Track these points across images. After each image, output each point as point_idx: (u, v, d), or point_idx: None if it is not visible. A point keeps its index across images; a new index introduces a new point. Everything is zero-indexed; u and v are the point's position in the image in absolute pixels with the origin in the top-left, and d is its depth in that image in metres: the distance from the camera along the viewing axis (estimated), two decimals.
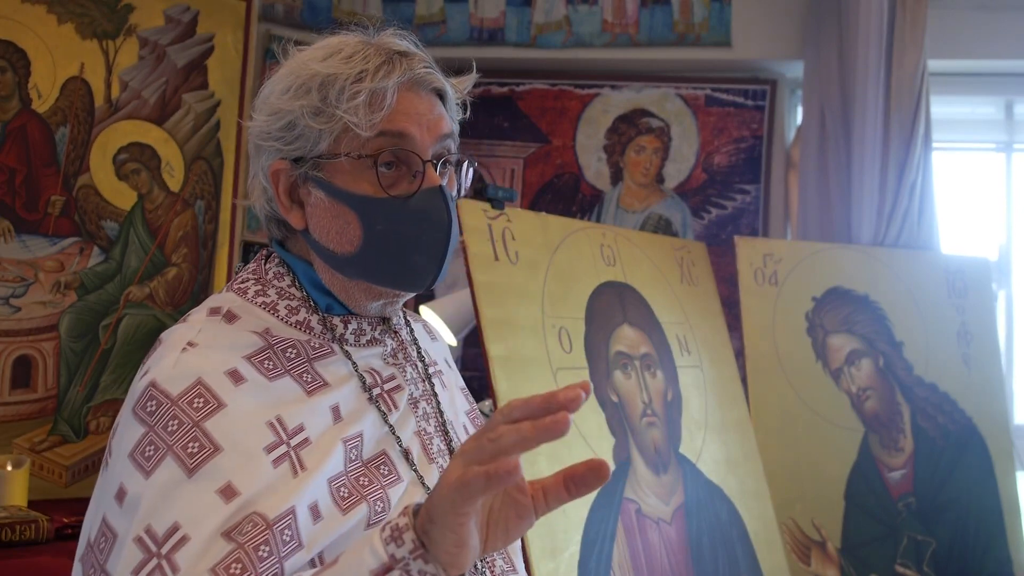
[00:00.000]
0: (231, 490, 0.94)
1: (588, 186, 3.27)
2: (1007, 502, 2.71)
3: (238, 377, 1.01)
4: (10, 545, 1.94)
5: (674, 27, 3.18)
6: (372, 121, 1.03)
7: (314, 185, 1.07)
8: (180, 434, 0.95)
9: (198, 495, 0.93)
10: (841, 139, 2.95)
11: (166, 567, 0.90)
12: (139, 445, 0.96)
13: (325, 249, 1.08)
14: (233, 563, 0.90)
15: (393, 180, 1.06)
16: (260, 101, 1.10)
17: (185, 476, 0.94)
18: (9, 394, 2.41)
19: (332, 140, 1.05)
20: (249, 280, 1.13)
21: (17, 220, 2.44)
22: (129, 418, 0.99)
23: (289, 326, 1.08)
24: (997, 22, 3.05)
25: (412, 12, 3.26)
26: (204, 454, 0.95)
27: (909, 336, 2.71)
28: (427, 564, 0.82)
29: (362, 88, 1.03)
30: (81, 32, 2.53)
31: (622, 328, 2.18)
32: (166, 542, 0.91)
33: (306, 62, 1.08)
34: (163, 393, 0.98)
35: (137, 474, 0.95)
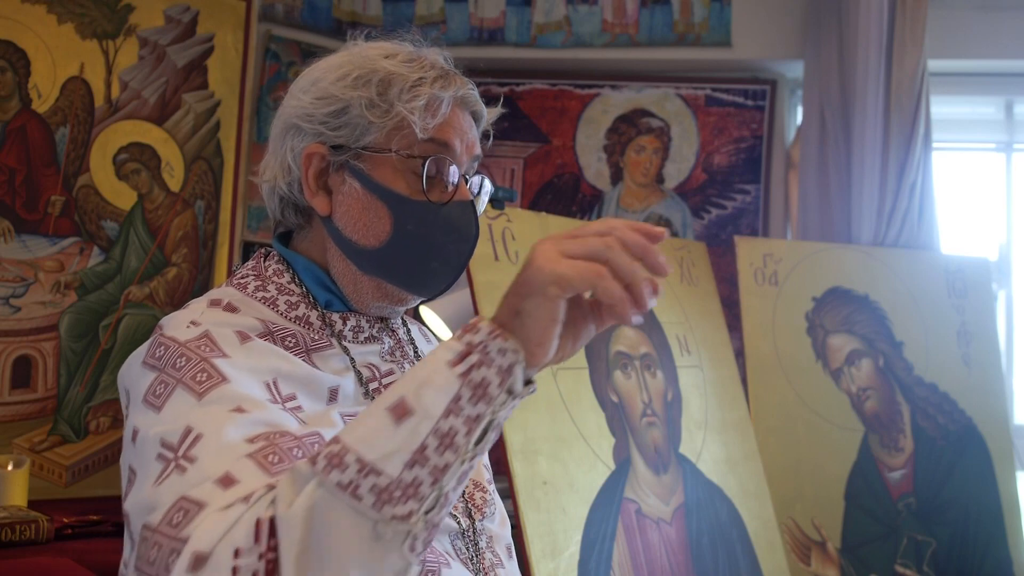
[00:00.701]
0: (241, 410, 0.92)
1: (588, 186, 3.27)
2: (1007, 502, 2.71)
3: (245, 336, 1.01)
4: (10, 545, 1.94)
5: (674, 27, 3.18)
6: (427, 125, 1.07)
7: (350, 174, 1.09)
8: (188, 367, 0.95)
9: (209, 412, 0.91)
10: (841, 139, 2.95)
11: (184, 463, 0.87)
12: (151, 388, 0.96)
13: (347, 239, 1.09)
14: (271, 454, 0.87)
15: (431, 186, 1.08)
16: (307, 83, 1.11)
17: (195, 400, 0.92)
18: (9, 394, 2.41)
19: (383, 134, 1.07)
20: (249, 276, 1.13)
21: (17, 220, 2.44)
22: (140, 370, 0.99)
23: (288, 320, 1.09)
24: (997, 22, 3.05)
25: (412, 12, 3.26)
26: (213, 382, 0.94)
27: (909, 336, 2.71)
28: (506, 341, 0.80)
29: (422, 92, 1.07)
30: (81, 32, 2.53)
31: (622, 328, 2.18)
32: (181, 445, 0.89)
33: (367, 57, 1.10)
34: (171, 339, 0.99)
35: (149, 412, 0.94)
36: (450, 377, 0.79)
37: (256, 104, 3.00)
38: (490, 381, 0.79)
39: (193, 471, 0.85)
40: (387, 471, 0.77)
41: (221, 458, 0.86)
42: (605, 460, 1.97)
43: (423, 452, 0.77)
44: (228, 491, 0.82)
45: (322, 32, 3.17)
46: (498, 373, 0.79)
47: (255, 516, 0.78)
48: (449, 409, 0.78)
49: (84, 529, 2.08)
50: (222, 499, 0.82)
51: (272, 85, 3.05)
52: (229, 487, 0.83)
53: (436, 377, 0.79)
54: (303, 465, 0.79)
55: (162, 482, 0.87)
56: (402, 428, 0.78)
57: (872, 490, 2.55)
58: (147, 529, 0.85)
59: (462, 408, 0.79)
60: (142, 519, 0.87)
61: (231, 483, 0.83)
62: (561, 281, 0.78)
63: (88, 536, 2.05)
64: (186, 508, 0.83)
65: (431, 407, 0.78)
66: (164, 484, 0.86)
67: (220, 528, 0.79)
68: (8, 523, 1.96)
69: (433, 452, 0.78)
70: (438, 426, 0.78)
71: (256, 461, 0.85)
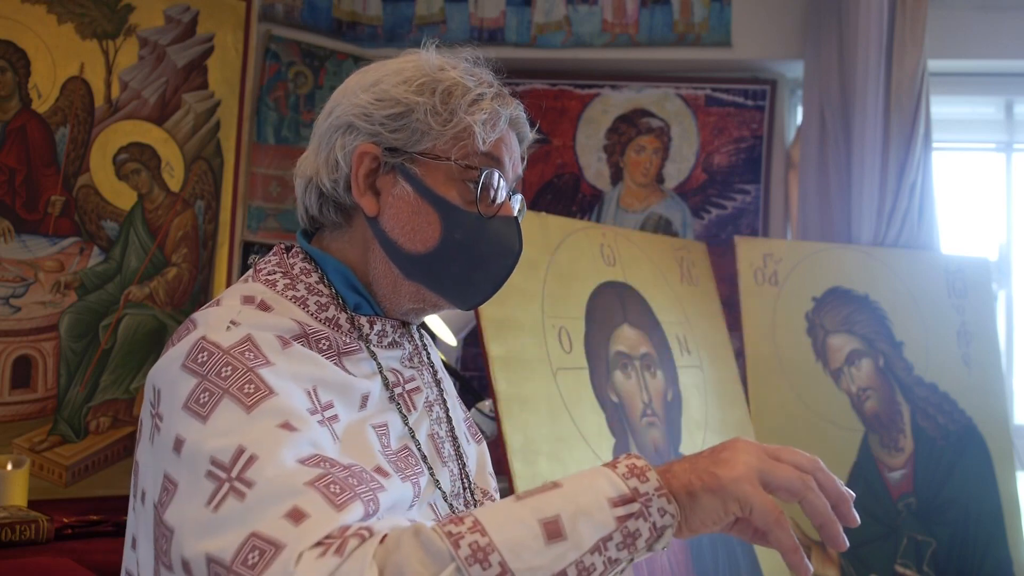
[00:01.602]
0: (289, 426, 0.92)
1: (588, 186, 3.27)
2: (1007, 502, 2.71)
3: (286, 341, 1.01)
4: (10, 545, 1.94)
5: (674, 27, 3.18)
6: (486, 138, 1.10)
7: (403, 177, 1.09)
8: (235, 378, 0.94)
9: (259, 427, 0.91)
10: (841, 139, 2.94)
11: (240, 486, 0.86)
12: (192, 395, 0.94)
13: (393, 242, 1.10)
14: (331, 484, 0.87)
15: (481, 199, 1.10)
16: (366, 83, 1.12)
17: (244, 413, 0.92)
18: (9, 394, 2.41)
19: (442, 142, 1.09)
20: (276, 273, 1.11)
21: (17, 220, 2.43)
22: (179, 374, 0.96)
23: (319, 322, 1.08)
24: (997, 22, 3.05)
25: (412, 12, 3.26)
26: (260, 395, 0.93)
27: (909, 336, 2.71)
28: (669, 504, 0.84)
29: (484, 106, 1.10)
30: (81, 32, 2.53)
31: (622, 328, 2.18)
32: (234, 466, 0.88)
33: (431, 64, 1.12)
34: (214, 344, 0.97)
35: (194, 422, 0.92)
36: (608, 517, 0.83)
37: (256, 104, 3.00)
38: (641, 535, 0.84)
39: (253, 499, 0.85)
40: None
41: (281, 486, 0.86)
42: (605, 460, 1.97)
43: None
44: (301, 527, 0.83)
45: (322, 32, 3.17)
46: (650, 530, 0.84)
47: None
48: (597, 547, 0.82)
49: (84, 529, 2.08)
50: (299, 541, 0.82)
51: (272, 85, 3.05)
52: (300, 522, 0.83)
53: (596, 512, 0.83)
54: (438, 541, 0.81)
55: (219, 506, 0.86)
56: (551, 549, 0.81)
57: (872, 490, 2.55)
58: (218, 565, 0.84)
59: (608, 549, 0.83)
60: (200, 543, 0.86)
61: (301, 518, 0.84)
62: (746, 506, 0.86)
63: (88, 536, 2.05)
64: (261, 548, 0.82)
65: (583, 540, 0.82)
66: (223, 510, 0.86)
67: None
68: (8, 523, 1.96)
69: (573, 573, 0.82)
70: (582, 559, 0.82)
71: (320, 492, 0.86)
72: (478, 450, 1.27)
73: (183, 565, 0.87)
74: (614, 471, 0.86)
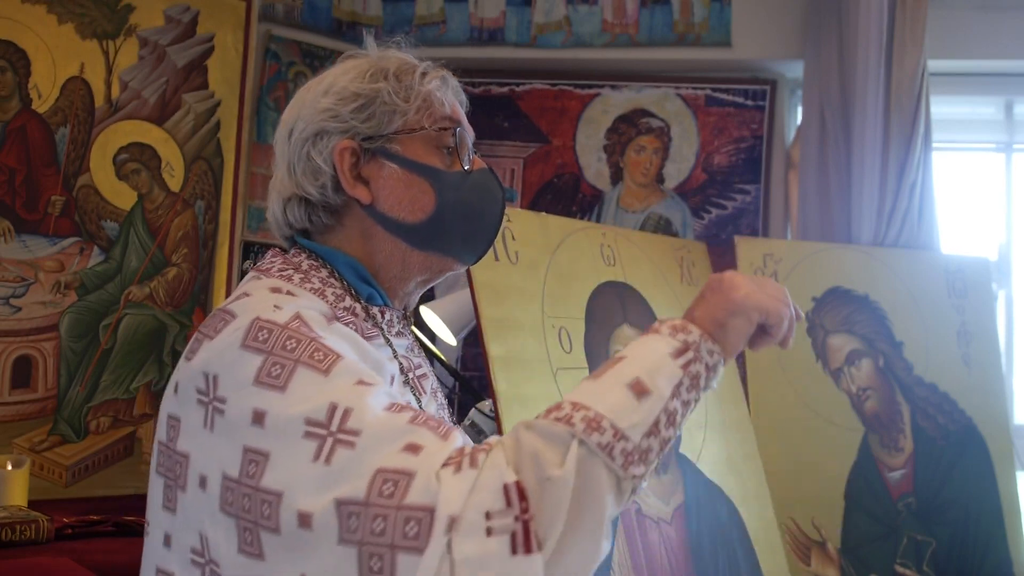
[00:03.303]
0: (364, 383, 0.97)
1: (588, 186, 3.27)
2: (1007, 502, 2.71)
3: (329, 319, 1.08)
4: (10, 545, 1.94)
5: (674, 27, 3.18)
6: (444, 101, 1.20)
7: (386, 159, 1.17)
8: (301, 348, 0.99)
9: (340, 385, 0.96)
10: (841, 139, 2.94)
11: (345, 437, 0.91)
12: (262, 370, 0.97)
13: (393, 220, 1.17)
14: (428, 419, 0.94)
15: (454, 159, 1.20)
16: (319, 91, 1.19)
17: (322, 376, 0.96)
18: (9, 394, 2.41)
19: (410, 116, 1.17)
20: (288, 269, 1.16)
21: (17, 220, 2.44)
22: (240, 354, 0.99)
23: (339, 311, 1.13)
24: (997, 22, 3.05)
25: (412, 12, 3.26)
26: (331, 359, 0.98)
27: (909, 336, 2.71)
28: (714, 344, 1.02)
29: (433, 75, 1.21)
30: (81, 32, 2.53)
31: (622, 328, 2.18)
32: (331, 421, 0.93)
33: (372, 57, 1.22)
34: (270, 322, 1.01)
35: (271, 393, 0.96)
36: (675, 367, 0.98)
37: (256, 104, 3.00)
38: (701, 375, 1.00)
39: (364, 444, 0.90)
40: (632, 438, 0.93)
41: (386, 428, 0.92)
42: None
43: (656, 426, 0.95)
44: (421, 455, 0.89)
45: (322, 32, 3.17)
46: (706, 369, 1.01)
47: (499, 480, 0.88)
48: (674, 393, 0.97)
49: (84, 529, 2.08)
50: (428, 465, 0.89)
51: (272, 85, 3.05)
52: (419, 452, 0.90)
53: (664, 367, 0.98)
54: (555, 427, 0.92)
55: (331, 458, 0.90)
56: (643, 405, 0.95)
57: (872, 490, 2.55)
58: (350, 505, 0.88)
59: (681, 394, 0.98)
60: (322, 494, 0.89)
61: (418, 449, 0.90)
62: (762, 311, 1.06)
63: (88, 536, 2.06)
64: (393, 479, 0.88)
65: (663, 390, 0.96)
66: (336, 461, 0.90)
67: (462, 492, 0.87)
68: (8, 523, 1.96)
69: (663, 427, 0.96)
70: (667, 406, 0.96)
71: (424, 426, 0.93)
72: None
73: (300, 519, 0.90)
74: (661, 334, 1.02)
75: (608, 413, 0.93)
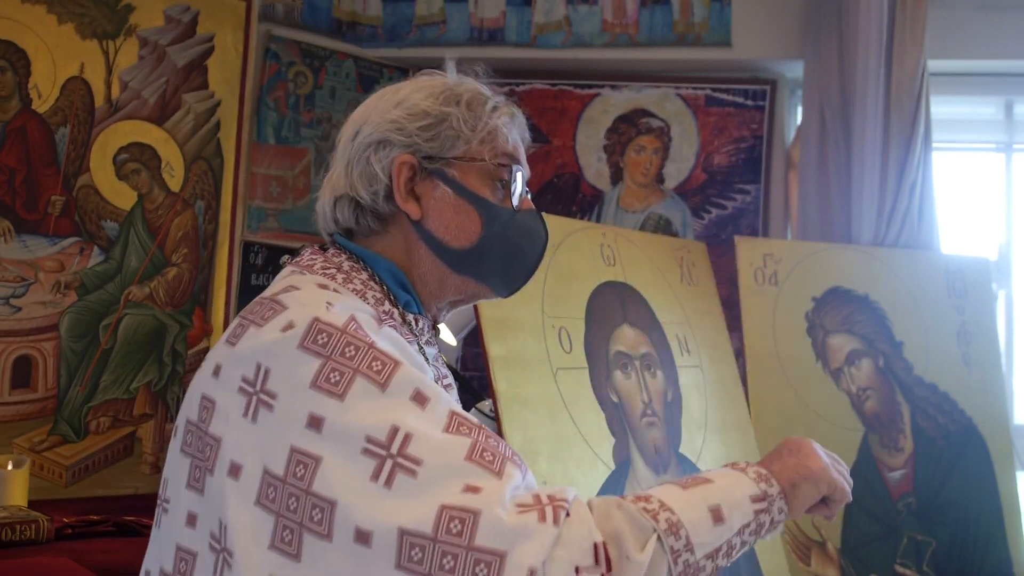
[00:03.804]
0: (421, 396, 1.01)
1: (588, 186, 3.27)
2: (1007, 502, 2.71)
3: (380, 321, 1.11)
4: (10, 545, 1.94)
5: (674, 27, 3.18)
6: (509, 138, 1.24)
7: (441, 181, 1.20)
8: (360, 356, 1.02)
9: (399, 404, 1.00)
10: (841, 139, 2.94)
11: (405, 463, 0.95)
12: (321, 374, 1.00)
13: (439, 240, 1.20)
14: (483, 452, 0.99)
15: (507, 195, 1.23)
16: (391, 102, 1.22)
17: (379, 390, 1.00)
18: (9, 394, 2.41)
19: (473, 145, 1.21)
20: (330, 268, 1.18)
21: (17, 220, 2.44)
22: (298, 354, 1.01)
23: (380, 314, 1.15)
24: (997, 22, 3.05)
25: (412, 12, 3.26)
26: (388, 369, 1.02)
27: (909, 336, 2.71)
28: (786, 505, 1.14)
29: (503, 111, 1.24)
30: (81, 32, 2.53)
31: (622, 328, 2.18)
32: (392, 443, 0.96)
33: (450, 80, 1.25)
34: (329, 325, 1.03)
35: (329, 400, 0.99)
36: (749, 510, 1.10)
37: (256, 104, 3.00)
38: (765, 525, 1.12)
39: (425, 475, 0.95)
40: (696, 554, 1.03)
41: (447, 463, 0.96)
42: (605, 460, 1.97)
43: (716, 552, 1.06)
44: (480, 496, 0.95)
45: (322, 32, 3.17)
46: (771, 524, 1.12)
47: (590, 539, 0.96)
48: (740, 531, 1.08)
49: (84, 529, 2.08)
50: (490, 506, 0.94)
51: (272, 85, 3.05)
52: (479, 493, 0.95)
53: (744, 505, 1.09)
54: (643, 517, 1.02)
55: (390, 481, 0.94)
56: (716, 530, 1.06)
57: (872, 490, 2.55)
58: (418, 537, 0.92)
59: (744, 533, 1.09)
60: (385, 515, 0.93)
61: (477, 491, 0.95)
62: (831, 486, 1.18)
63: (88, 536, 2.06)
64: (460, 517, 0.93)
65: (735, 525, 1.08)
66: (397, 485, 0.94)
67: (544, 545, 0.93)
68: (8, 523, 1.97)
69: (720, 555, 1.06)
70: (731, 540, 1.07)
71: (479, 465, 0.97)
72: None
73: (357, 534, 0.93)
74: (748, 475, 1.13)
75: (688, 524, 1.03)
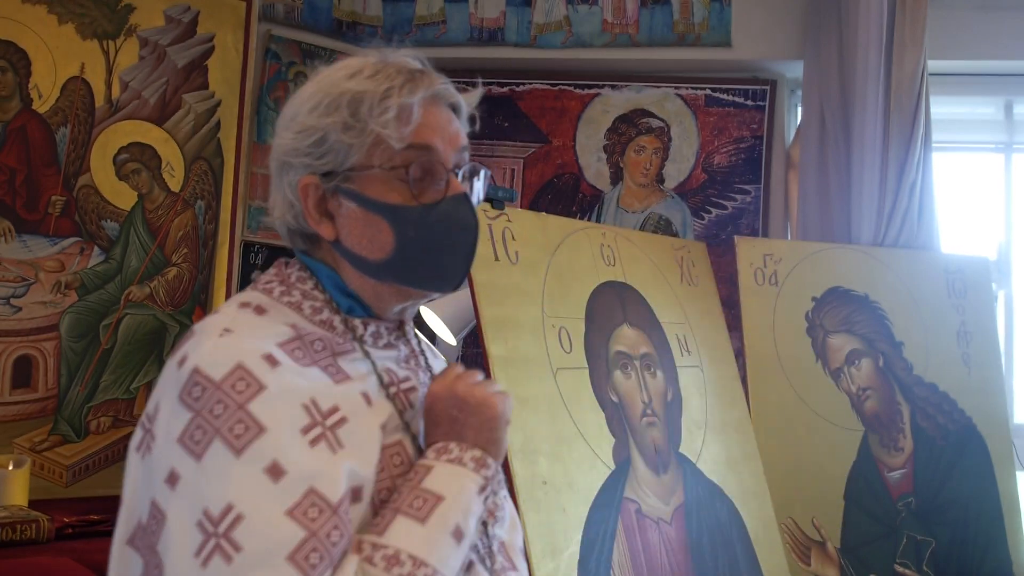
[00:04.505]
0: (278, 468, 0.98)
1: (588, 186, 3.28)
2: (1007, 502, 2.71)
3: (273, 361, 1.04)
4: (10, 545, 1.95)
5: (674, 27, 3.18)
6: (402, 134, 1.11)
7: (345, 196, 1.13)
8: (226, 417, 0.99)
9: (247, 475, 0.97)
10: (841, 139, 2.95)
11: (226, 546, 0.95)
12: (187, 430, 0.99)
13: (357, 256, 1.14)
14: (311, 552, 0.96)
15: (421, 189, 1.13)
16: (286, 120, 1.16)
17: (234, 457, 0.98)
18: (9, 394, 2.41)
19: (364, 153, 1.11)
20: (273, 282, 1.17)
21: (18, 220, 2.44)
22: (176, 405, 1.01)
23: (313, 324, 1.13)
24: (997, 22, 3.05)
25: (412, 12, 3.26)
26: (250, 435, 0.99)
27: (909, 336, 2.71)
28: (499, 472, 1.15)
29: (391, 104, 1.11)
30: (81, 32, 2.53)
31: (622, 328, 2.19)
32: (221, 521, 0.95)
33: (333, 81, 1.14)
34: (207, 379, 1.01)
35: (188, 458, 0.98)
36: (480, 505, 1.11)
37: (256, 104, 3.00)
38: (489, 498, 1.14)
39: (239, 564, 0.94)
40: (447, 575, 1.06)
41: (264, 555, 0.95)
42: (605, 460, 1.97)
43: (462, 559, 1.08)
44: None
45: (322, 32, 3.17)
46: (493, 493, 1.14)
47: None
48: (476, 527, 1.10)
49: (84, 529, 2.09)
50: None
51: (272, 85, 3.05)
52: None
53: (475, 504, 1.10)
54: None
55: (207, 563, 0.95)
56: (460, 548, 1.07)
57: (872, 490, 2.55)
58: None
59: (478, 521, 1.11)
60: None
61: None
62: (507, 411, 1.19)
63: (88, 536, 2.06)
64: None
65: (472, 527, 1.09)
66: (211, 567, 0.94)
67: None
68: (9, 523, 1.97)
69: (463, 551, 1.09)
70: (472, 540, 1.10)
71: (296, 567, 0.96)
72: None
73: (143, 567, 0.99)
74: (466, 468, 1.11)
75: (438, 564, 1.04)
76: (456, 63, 3.20)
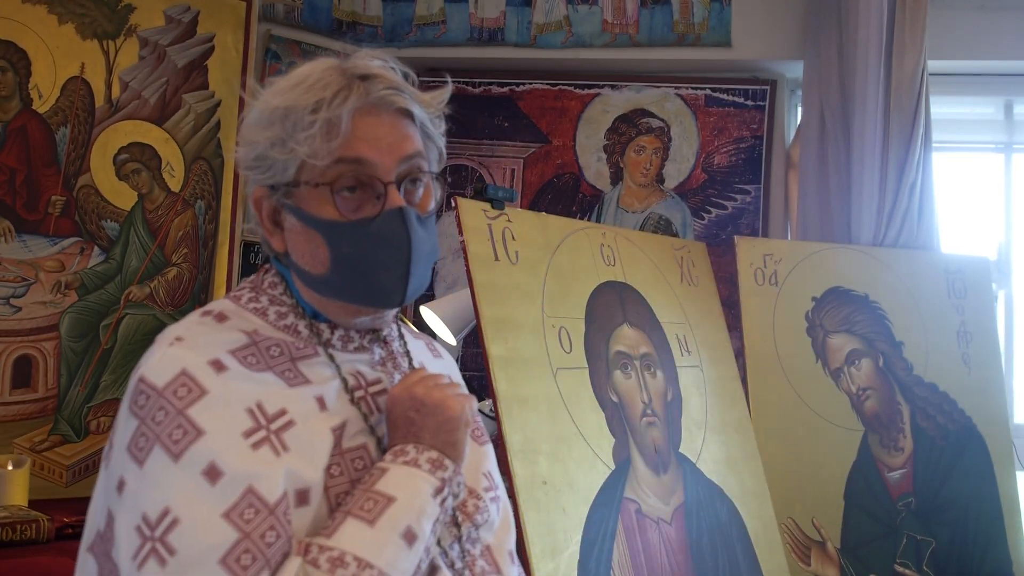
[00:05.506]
0: (215, 470, 0.98)
1: (588, 186, 3.28)
2: (1007, 502, 2.71)
3: (220, 366, 1.05)
4: (10, 545, 1.95)
5: (674, 27, 3.18)
6: (328, 149, 1.06)
7: (287, 211, 1.12)
8: (166, 423, 1.00)
9: (184, 479, 0.98)
10: (841, 139, 2.95)
11: (161, 549, 0.95)
12: (133, 438, 1.01)
13: (302, 270, 1.14)
14: (243, 554, 0.96)
15: (358, 203, 1.09)
16: (241, 132, 1.15)
17: (171, 462, 0.99)
18: (10, 394, 2.41)
19: (295, 168, 1.09)
20: (244, 288, 1.18)
21: (18, 220, 2.44)
22: (126, 413, 1.04)
23: (277, 329, 1.13)
24: (997, 22, 3.05)
25: (412, 12, 3.26)
26: (188, 439, 0.99)
27: (909, 336, 2.71)
28: (460, 475, 1.12)
29: (317, 118, 1.06)
30: (81, 32, 2.53)
31: (622, 328, 2.19)
32: (158, 525, 0.97)
33: (273, 92, 1.11)
34: (150, 387, 1.03)
35: (132, 465, 1.00)
36: (436, 508, 1.09)
37: None
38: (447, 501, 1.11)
39: (173, 567, 0.95)
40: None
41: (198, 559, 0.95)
42: (605, 460, 1.97)
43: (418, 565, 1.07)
44: None
45: (322, 32, 3.17)
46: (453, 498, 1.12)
47: None
48: (432, 530, 1.08)
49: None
50: None
51: None
52: None
53: (429, 506, 1.07)
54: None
55: (143, 567, 0.96)
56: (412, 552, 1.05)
57: (872, 490, 2.55)
58: None
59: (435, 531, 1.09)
60: None
61: None
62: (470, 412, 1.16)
63: None
64: None
65: (427, 531, 1.07)
66: (145, 572, 0.96)
67: None
68: (9, 523, 1.97)
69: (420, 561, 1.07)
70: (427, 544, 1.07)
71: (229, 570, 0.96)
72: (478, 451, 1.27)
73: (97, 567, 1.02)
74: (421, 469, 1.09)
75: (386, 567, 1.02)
76: (456, 63, 3.20)
